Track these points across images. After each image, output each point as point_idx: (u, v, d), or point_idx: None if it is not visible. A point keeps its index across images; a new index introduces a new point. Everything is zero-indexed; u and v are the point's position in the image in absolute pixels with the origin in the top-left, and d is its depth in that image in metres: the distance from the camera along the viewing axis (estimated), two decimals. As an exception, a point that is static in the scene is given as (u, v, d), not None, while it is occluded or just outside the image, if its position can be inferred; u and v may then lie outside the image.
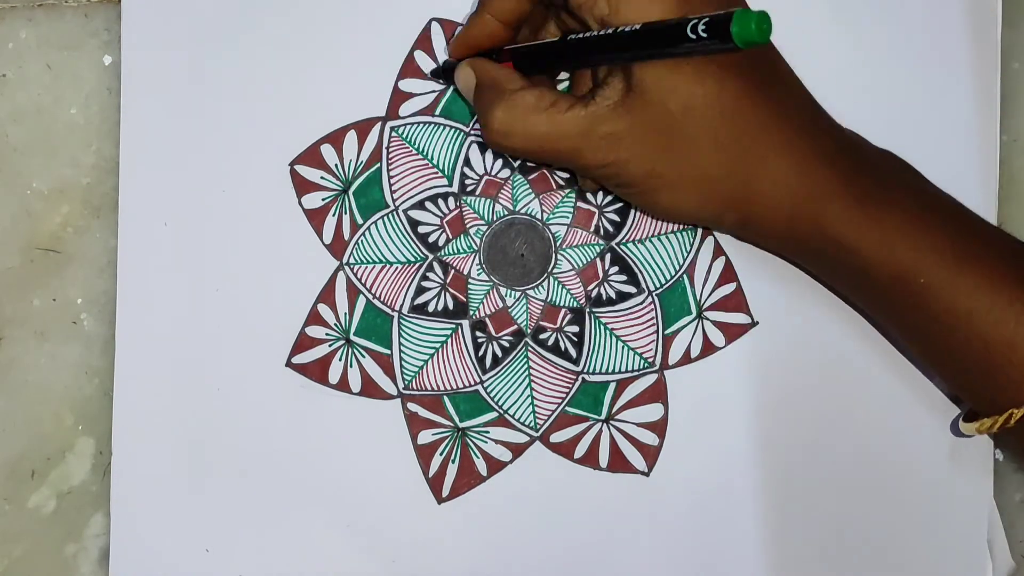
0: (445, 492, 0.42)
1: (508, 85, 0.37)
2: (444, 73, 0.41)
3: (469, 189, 0.42)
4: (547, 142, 0.36)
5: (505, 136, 0.37)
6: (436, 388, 0.42)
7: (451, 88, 0.42)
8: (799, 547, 0.41)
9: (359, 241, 0.42)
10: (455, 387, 0.42)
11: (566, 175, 0.42)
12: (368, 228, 0.42)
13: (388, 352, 0.42)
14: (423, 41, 0.42)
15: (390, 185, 0.42)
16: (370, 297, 0.42)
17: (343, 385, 0.42)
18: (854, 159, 0.37)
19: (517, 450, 0.42)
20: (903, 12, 0.42)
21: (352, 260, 0.42)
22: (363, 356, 0.42)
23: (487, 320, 0.42)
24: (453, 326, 0.42)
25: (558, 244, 0.42)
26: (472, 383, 0.42)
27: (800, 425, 0.42)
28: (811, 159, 0.36)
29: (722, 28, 0.30)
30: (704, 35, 0.31)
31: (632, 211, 0.42)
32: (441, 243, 0.42)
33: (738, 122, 0.35)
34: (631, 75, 0.35)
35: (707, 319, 0.42)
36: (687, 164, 0.36)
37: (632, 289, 0.42)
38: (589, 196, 0.42)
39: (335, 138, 0.42)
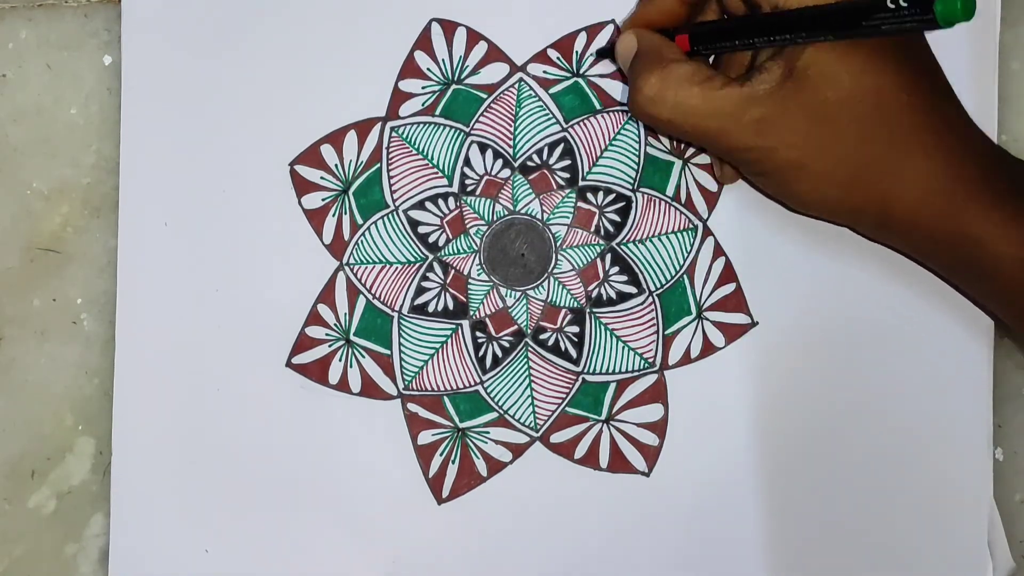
0: (445, 492, 0.42)
1: (667, 54, 0.37)
2: (611, 51, 0.41)
3: (469, 189, 0.42)
4: (696, 116, 0.36)
5: (654, 103, 0.36)
6: (436, 388, 0.42)
7: (451, 88, 0.42)
8: (799, 547, 0.41)
9: (359, 241, 0.42)
10: (455, 387, 0.42)
11: (566, 175, 0.42)
12: (368, 228, 0.42)
13: (388, 352, 0.42)
14: (423, 41, 0.42)
15: (390, 185, 0.42)
16: (370, 297, 0.42)
17: (343, 385, 0.42)
18: (996, 160, 0.36)
19: (517, 450, 0.42)
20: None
21: (352, 260, 0.42)
22: (363, 356, 0.42)
23: (487, 320, 0.42)
24: (453, 326, 0.42)
25: (558, 244, 0.42)
26: (472, 383, 0.42)
27: (800, 425, 0.42)
28: (957, 157, 0.35)
29: (926, 2, 0.30)
30: (904, 5, 0.30)
31: (632, 211, 0.42)
32: (441, 243, 0.42)
33: (891, 116, 0.35)
34: (795, 60, 0.35)
35: (707, 319, 0.42)
36: (834, 156, 0.35)
37: (632, 289, 0.42)
38: (589, 196, 0.42)
39: (335, 138, 0.42)
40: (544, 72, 0.42)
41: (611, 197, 0.42)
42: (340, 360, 0.42)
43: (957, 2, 0.30)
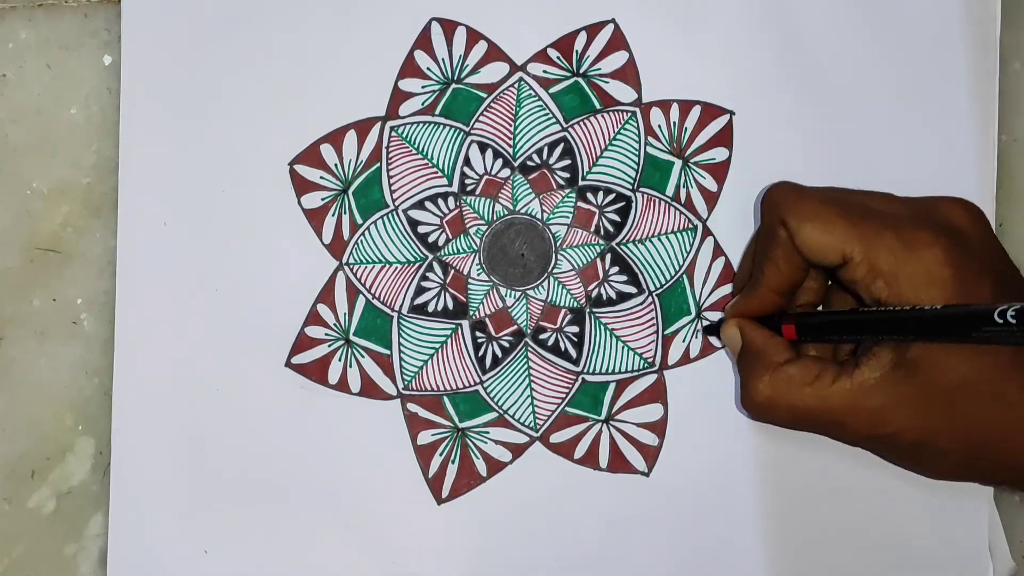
0: (445, 492, 0.42)
1: (774, 357, 0.37)
2: (717, 330, 0.41)
3: (469, 189, 0.42)
4: (812, 415, 0.36)
5: (768, 409, 0.37)
6: (436, 388, 0.42)
7: (451, 88, 0.42)
8: (798, 547, 0.41)
9: (359, 241, 0.42)
10: (455, 387, 0.42)
11: (566, 175, 0.42)
12: (368, 228, 0.42)
13: (388, 352, 0.42)
14: (423, 41, 0.42)
15: (390, 185, 0.42)
16: (370, 297, 0.42)
17: (343, 385, 0.42)
18: None
19: (517, 450, 0.42)
20: (903, 12, 0.42)
21: (352, 260, 0.42)
22: (363, 356, 0.42)
23: (487, 320, 0.42)
24: (453, 326, 0.42)
25: (558, 244, 0.42)
26: (472, 383, 0.42)
27: (800, 425, 0.42)
28: None
29: None
30: (1013, 322, 0.31)
31: (632, 211, 0.42)
32: (441, 243, 0.42)
33: (1009, 391, 0.35)
34: (904, 350, 0.35)
35: (707, 319, 0.42)
36: (955, 433, 0.35)
37: (632, 289, 0.42)
38: (589, 196, 0.42)
39: (335, 138, 0.42)
40: (544, 72, 0.42)
41: (611, 197, 0.42)
42: (340, 360, 0.42)
43: None
